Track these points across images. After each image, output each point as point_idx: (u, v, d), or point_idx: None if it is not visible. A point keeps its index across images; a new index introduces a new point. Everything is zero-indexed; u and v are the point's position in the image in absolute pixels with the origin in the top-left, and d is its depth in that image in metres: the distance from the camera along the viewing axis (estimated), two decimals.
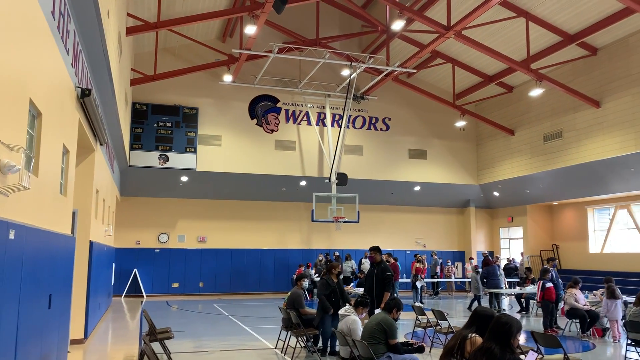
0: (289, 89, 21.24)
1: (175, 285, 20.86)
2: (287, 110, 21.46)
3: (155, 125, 19.34)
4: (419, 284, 18.60)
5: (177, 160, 19.39)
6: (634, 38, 16.43)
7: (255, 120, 20.98)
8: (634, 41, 16.44)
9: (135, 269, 20.25)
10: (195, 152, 19.68)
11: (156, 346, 7.24)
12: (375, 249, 9.50)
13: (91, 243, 10.31)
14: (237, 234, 21.80)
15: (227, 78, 19.53)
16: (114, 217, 18.25)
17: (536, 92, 17.77)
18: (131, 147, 18.80)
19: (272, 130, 21.14)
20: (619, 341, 10.45)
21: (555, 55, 17.94)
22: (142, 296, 20.00)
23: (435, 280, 21.66)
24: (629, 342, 8.33)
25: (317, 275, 19.60)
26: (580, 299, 11.38)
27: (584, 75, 18.19)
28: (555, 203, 22.84)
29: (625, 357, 8.47)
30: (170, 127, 19.49)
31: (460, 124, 22.12)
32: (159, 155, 19.22)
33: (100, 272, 12.21)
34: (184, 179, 20.02)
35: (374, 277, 9.31)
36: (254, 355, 9.25)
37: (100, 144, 10.77)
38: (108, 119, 11.27)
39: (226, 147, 20.36)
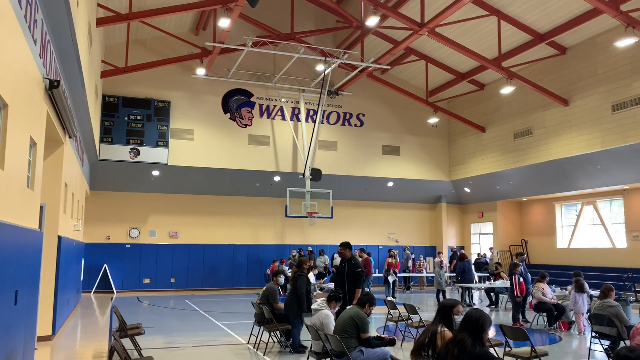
0: (263, 83, 21.13)
1: (147, 280, 20.60)
2: (261, 105, 21.35)
3: (126, 118, 19.01)
4: (390, 279, 18.78)
5: (149, 154, 19.11)
6: (601, 38, 16.84)
7: (228, 115, 20.82)
8: (601, 41, 16.85)
9: (105, 265, 19.92)
10: (167, 146, 19.43)
11: (126, 342, 7.15)
12: (345, 245, 9.49)
13: (59, 238, 10.09)
14: (209, 229, 21.63)
15: (200, 71, 19.32)
16: (84, 212, 17.90)
17: (507, 89, 18.07)
18: (101, 141, 18.45)
19: (246, 125, 21.01)
20: (583, 334, 10.75)
21: (526, 54, 18.26)
22: (112, 292, 19.69)
23: (407, 274, 21.90)
24: (593, 334, 8.57)
25: (290, 270, 19.60)
26: (548, 293, 11.66)
27: (553, 74, 18.57)
28: (524, 199, 23.33)
29: (590, 349, 8.72)
30: (141, 121, 19.18)
31: (433, 120, 22.35)
32: (130, 149, 18.91)
33: (68, 267, 11.97)
34: (156, 173, 19.76)
35: (344, 273, 9.28)
36: (226, 350, 9.21)
37: (70, 137, 10.54)
38: (77, 111, 11.03)
39: (199, 142, 20.16)
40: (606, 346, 8.47)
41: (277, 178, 21.43)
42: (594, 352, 8.78)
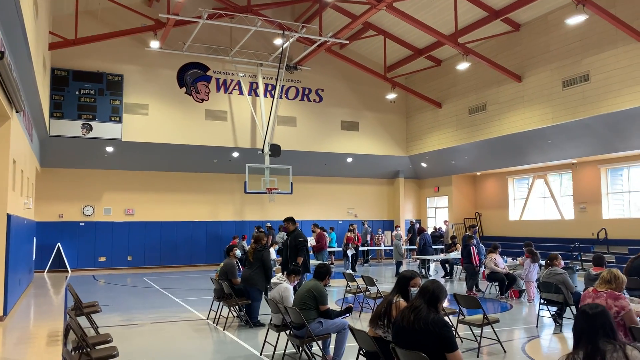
0: (220, 57, 20.71)
1: (102, 259, 20.20)
2: (217, 79, 20.97)
3: (77, 92, 18.32)
4: (349, 252, 19.06)
5: (102, 129, 18.53)
6: (553, 15, 17.24)
7: (184, 89, 20.37)
8: (553, 19, 17.25)
9: (59, 243, 19.38)
10: (120, 121, 18.88)
11: (83, 321, 7.03)
12: (288, 220, 9.95)
13: (9, 216, 9.73)
14: (166, 207, 21.30)
15: (154, 44, 18.74)
16: (34, 190, 17.28)
17: (463, 65, 18.33)
18: (51, 116, 17.75)
19: (203, 100, 20.62)
20: (533, 301, 11.23)
21: (481, 30, 18.51)
22: (67, 271, 19.23)
23: (365, 248, 22.25)
24: (542, 301, 8.98)
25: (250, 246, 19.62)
26: (500, 263, 12.10)
27: (507, 51, 18.95)
28: (478, 173, 23.94)
29: (538, 315, 9.14)
30: (93, 95, 18.53)
31: (391, 96, 22.51)
32: (82, 124, 18.29)
33: (19, 246, 11.59)
34: (109, 149, 19.22)
35: (287, 245, 9.98)
36: (186, 326, 9.19)
37: (17, 112, 10.08)
38: (24, 85, 10.55)
39: (154, 117, 19.68)
40: (553, 312, 8.91)
41: (235, 154, 21.22)
42: (542, 318, 9.21)
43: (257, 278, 8.94)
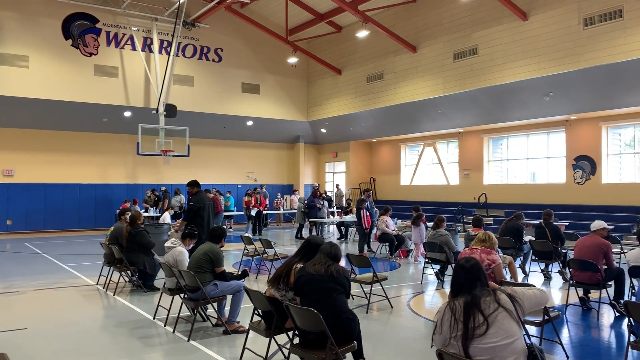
0: (110, 8, 19.30)
1: None
2: (108, 32, 19.58)
3: None
4: (253, 212, 19.07)
5: None
6: None
7: (70, 41, 18.81)
8: None
9: None
10: None
11: None
12: (190, 183, 9.71)
13: None
14: (51, 168, 19.85)
15: None
16: None
17: (362, 33, 18.63)
18: None
19: (91, 54, 19.21)
20: (419, 261, 12.01)
21: None
22: None
23: (265, 212, 22.32)
24: (427, 260, 9.65)
25: (143, 211, 18.98)
26: (390, 225, 12.75)
27: (405, 21, 19.52)
28: (374, 140, 24.79)
29: (423, 273, 9.82)
30: None
31: (292, 60, 22.36)
32: None
33: None
34: None
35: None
36: (74, 292, 8.76)
37: None
38: None
39: (35, 70, 18.04)
40: (436, 270, 9.61)
41: (127, 113, 20.13)
42: (427, 276, 9.91)
43: (137, 260, 8.61)
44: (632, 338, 4.52)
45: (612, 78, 13.98)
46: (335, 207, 21.42)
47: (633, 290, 6.97)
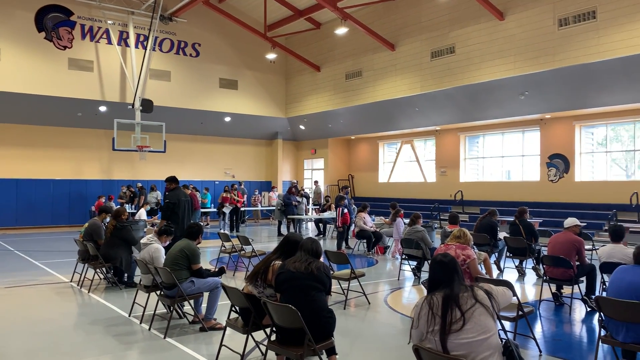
0: (86, 1, 18.94)
1: None
2: (83, 25, 19.21)
3: None
4: (226, 210, 18.96)
5: None
6: None
7: (43, 34, 18.42)
8: None
9: None
10: None
11: None
12: (168, 179, 9.59)
13: None
14: (23, 163, 19.43)
15: None
16: None
17: (341, 30, 18.63)
18: None
19: (65, 47, 18.83)
20: (397, 257, 12.10)
21: None
22: None
23: (243, 209, 22.22)
24: (404, 256, 9.72)
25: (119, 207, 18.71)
26: (368, 221, 12.81)
27: (384, 19, 19.59)
28: (352, 137, 24.86)
29: (400, 269, 9.90)
30: None
31: (271, 56, 22.26)
32: None
33: None
34: None
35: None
36: (47, 290, 8.60)
37: None
38: None
39: (7, 63, 17.61)
40: (413, 266, 9.69)
41: (102, 108, 19.81)
42: (404, 272, 9.99)
43: (116, 255, 8.49)
44: (603, 332, 4.63)
45: (585, 78, 14.26)
46: (312, 204, 21.43)
47: (604, 286, 7.14)
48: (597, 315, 5.80)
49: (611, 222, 13.82)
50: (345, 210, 13.28)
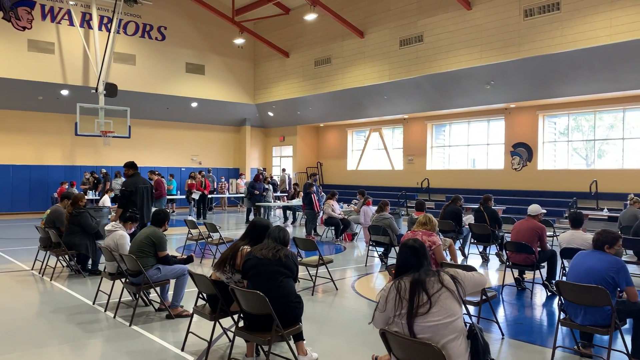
0: None
1: None
2: (43, 6, 18.54)
3: None
4: (195, 196, 18.75)
5: None
6: None
7: (1, 14, 17.69)
8: None
9: None
10: None
11: None
12: (126, 165, 9.18)
13: None
14: None
15: None
16: None
17: (310, 16, 18.51)
18: None
19: (25, 28, 18.15)
20: (365, 243, 12.19)
21: None
22: None
23: (210, 196, 21.99)
24: (371, 242, 9.81)
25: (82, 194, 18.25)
26: (336, 209, 12.86)
27: (353, 5, 19.53)
28: (321, 125, 24.84)
29: (367, 255, 9.99)
30: None
31: (239, 41, 21.97)
32: None
33: None
34: None
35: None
36: (6, 278, 8.35)
37: None
38: None
39: None
40: (380, 252, 9.80)
41: (64, 92, 19.22)
42: (372, 258, 10.08)
43: (78, 243, 8.31)
44: (562, 315, 4.78)
45: (549, 68, 14.58)
46: (279, 191, 21.37)
47: (564, 271, 7.37)
48: (557, 299, 5.99)
49: (571, 209, 14.25)
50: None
